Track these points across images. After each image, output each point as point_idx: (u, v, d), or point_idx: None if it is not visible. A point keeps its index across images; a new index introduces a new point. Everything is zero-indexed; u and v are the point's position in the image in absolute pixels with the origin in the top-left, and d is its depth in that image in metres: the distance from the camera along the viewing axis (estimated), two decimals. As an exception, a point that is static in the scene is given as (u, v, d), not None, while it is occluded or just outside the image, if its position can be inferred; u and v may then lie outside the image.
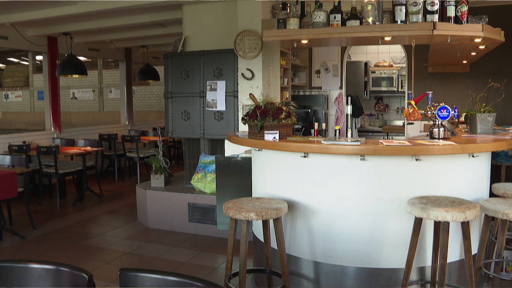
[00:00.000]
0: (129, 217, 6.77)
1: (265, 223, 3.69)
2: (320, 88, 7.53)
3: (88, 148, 8.09)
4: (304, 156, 3.66)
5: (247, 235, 3.39)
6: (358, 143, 3.40)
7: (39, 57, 29.44)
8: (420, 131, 6.94)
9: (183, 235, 5.84)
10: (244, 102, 5.53)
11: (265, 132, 3.75)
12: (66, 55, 8.86)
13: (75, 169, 7.68)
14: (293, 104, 4.16)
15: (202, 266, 4.87)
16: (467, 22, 3.86)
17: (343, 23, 4.06)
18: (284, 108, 3.84)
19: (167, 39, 9.94)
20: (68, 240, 5.86)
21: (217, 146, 6.24)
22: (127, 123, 11.22)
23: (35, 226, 6.26)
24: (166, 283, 1.83)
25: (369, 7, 3.99)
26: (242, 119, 3.97)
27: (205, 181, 5.78)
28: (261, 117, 3.74)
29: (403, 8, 3.89)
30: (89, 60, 23.44)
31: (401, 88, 8.60)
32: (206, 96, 5.88)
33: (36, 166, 7.57)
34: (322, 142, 3.51)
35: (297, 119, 4.09)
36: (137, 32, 9.25)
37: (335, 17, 4.03)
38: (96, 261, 5.07)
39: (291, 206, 3.78)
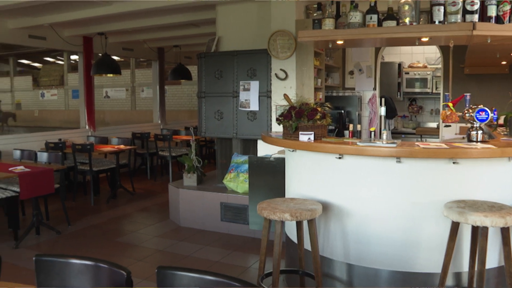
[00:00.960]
0: (161, 215, 6.84)
1: (299, 224, 3.68)
2: (354, 89, 7.47)
3: (122, 146, 8.20)
4: (339, 158, 3.63)
5: (281, 235, 3.39)
6: (394, 145, 3.36)
7: (73, 57, 30.03)
8: (456, 134, 6.82)
9: (215, 234, 5.87)
10: (278, 102, 5.52)
11: (299, 133, 3.73)
12: (100, 54, 9.01)
13: (109, 166, 7.80)
14: (328, 105, 4.14)
15: (234, 266, 4.89)
16: (509, 22, 3.75)
17: (379, 23, 4.01)
18: (319, 109, 3.82)
19: (199, 39, 10.00)
20: (101, 236, 5.95)
21: (249, 146, 6.25)
22: (159, 122, 11.34)
23: (70, 222, 6.39)
24: (203, 282, 1.84)
25: (406, 7, 3.93)
26: (277, 119, 3.96)
27: (237, 181, 5.80)
28: (296, 117, 3.73)
29: (442, 8, 3.82)
30: (122, 59, 23.78)
31: (436, 89, 8.45)
32: (239, 96, 5.90)
33: (71, 163, 7.72)
34: (358, 143, 3.47)
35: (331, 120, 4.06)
36: (170, 32, 9.34)
37: (371, 18, 3.99)
38: (130, 258, 5.14)
39: (325, 207, 3.76)
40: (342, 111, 6.68)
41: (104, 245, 5.62)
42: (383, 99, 4.14)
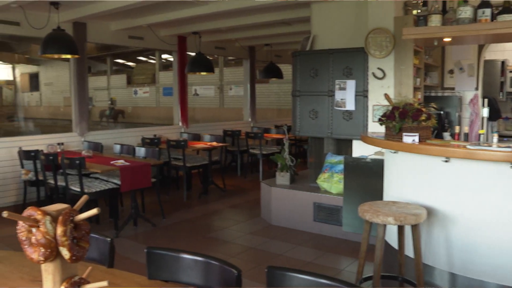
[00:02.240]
0: (252, 212, 6.89)
1: (401, 229, 3.54)
2: (453, 88, 7.10)
3: (214, 143, 8.36)
4: (446, 161, 3.45)
5: (383, 239, 3.28)
6: (510, 149, 3.13)
7: (165, 56, 31.20)
8: None
9: (306, 234, 5.82)
10: (375, 102, 5.37)
11: (403, 134, 3.59)
12: (193, 53, 9.24)
13: (201, 163, 7.97)
14: (434, 106, 3.95)
15: (326, 267, 4.81)
16: None
17: (493, 18, 3.76)
18: (424, 110, 3.66)
19: (291, 37, 9.98)
20: (194, 231, 6.09)
21: (342, 146, 6.13)
22: (249, 120, 11.46)
23: (164, 215, 6.61)
24: (315, 284, 1.79)
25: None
26: (379, 119, 3.84)
27: (331, 181, 5.71)
28: (400, 118, 3.59)
29: None
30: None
31: (544, 89, 7.87)
32: (334, 95, 5.80)
33: (165, 159, 7.97)
34: (468, 147, 3.28)
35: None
36: (262, 30, 9.39)
37: (483, 12, 3.76)
38: (222, 254, 5.20)
39: (428, 212, 3.59)
40: (441, 112, 6.38)
41: (197, 239, 5.74)
42: (486, 100, 3.89)
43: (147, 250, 2.15)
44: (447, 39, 4.12)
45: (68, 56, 6.82)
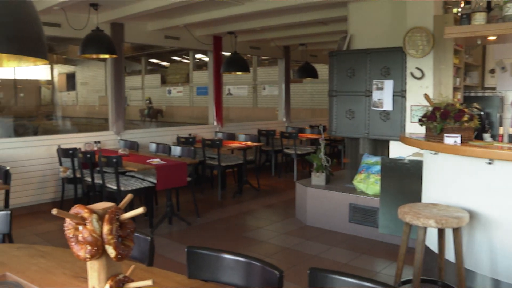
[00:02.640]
0: (287, 212, 6.87)
1: (441, 232, 3.47)
2: (494, 88, 6.91)
3: (249, 143, 8.37)
4: (489, 163, 3.36)
5: (424, 242, 3.21)
6: (558, 151, 3.03)
7: (198, 56, 31.44)
8: None
9: (342, 235, 5.76)
10: (413, 102, 5.27)
11: (444, 135, 3.51)
12: (226, 53, 9.27)
13: (236, 162, 7.98)
14: (476, 106, 3.85)
15: (362, 269, 4.75)
16: None
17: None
18: (466, 110, 3.57)
19: (327, 37, 9.92)
20: (229, 230, 6.11)
21: (377, 147, 6.05)
22: (284, 120, 11.43)
23: (199, 214, 6.64)
24: (357, 286, 1.76)
25: None
26: (419, 120, 3.77)
27: (367, 182, 5.64)
28: (441, 119, 3.51)
29: None
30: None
31: None
32: (372, 95, 5.73)
33: (200, 158, 8.01)
34: (513, 148, 3.18)
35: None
36: (297, 30, 9.36)
37: (531, 10, 3.64)
38: (257, 254, 5.19)
39: (470, 215, 3.50)
40: (482, 113, 6.22)
41: (232, 239, 5.75)
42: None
43: (187, 249, 2.15)
44: (491, 38, 4.01)
45: (106, 56, 6.93)
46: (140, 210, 1.41)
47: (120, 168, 5.84)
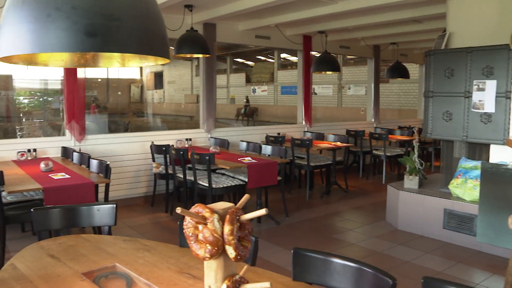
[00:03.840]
0: (376, 215, 6.72)
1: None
2: None
3: (338, 143, 8.27)
4: None
5: (534, 255, 3.01)
6: None
7: (283, 55, 31.54)
8: None
9: (435, 241, 5.54)
10: (518, 104, 4.97)
11: (559, 140, 3.27)
12: (314, 53, 9.20)
13: (325, 162, 7.91)
14: None
15: (459, 280, 4.53)
16: None
17: None
18: None
19: (420, 35, 9.62)
20: (317, 231, 6.06)
21: (475, 151, 5.76)
22: (372, 120, 11.19)
23: (288, 213, 6.65)
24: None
25: None
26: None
27: (465, 187, 5.38)
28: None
29: None
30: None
31: None
32: (472, 96, 5.45)
33: (289, 157, 8.01)
34: None
35: None
36: (389, 29, 9.13)
37: None
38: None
39: None
40: None
41: (320, 240, 5.70)
42: None
43: (293, 250, 2.14)
44: None
45: (200, 56, 7.11)
46: (262, 212, 1.42)
47: (212, 165, 5.96)
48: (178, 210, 1.37)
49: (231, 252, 1.44)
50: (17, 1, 1.41)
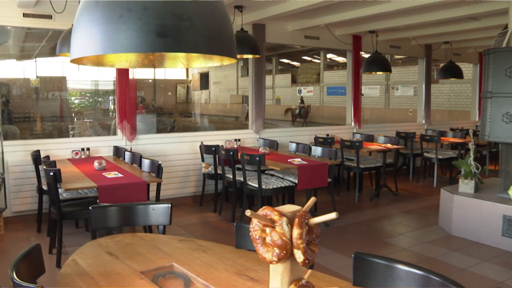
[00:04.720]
0: (428, 220, 6.53)
1: None
2: None
3: (389, 145, 8.10)
4: None
5: None
6: None
7: (329, 55, 31.28)
8: None
9: (493, 249, 5.32)
10: None
11: None
12: (368, 53, 9.03)
13: (375, 165, 7.76)
14: None
15: (522, 290, 4.34)
16: None
17: None
18: None
19: (476, 34, 9.31)
20: (367, 234, 5.94)
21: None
22: (423, 121, 10.90)
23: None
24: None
25: None
26: None
27: (526, 193, 5.16)
28: None
29: None
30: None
31: None
32: (535, 97, 5.21)
33: (338, 159, 7.90)
34: None
35: None
36: (442, 27, 8.86)
37: None
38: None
39: None
40: None
41: (371, 243, 5.58)
42: None
43: (355, 255, 2.08)
44: None
45: (250, 56, 7.10)
46: (332, 215, 1.37)
47: (262, 166, 5.94)
48: (248, 212, 1.34)
49: (299, 256, 1.40)
50: (90, 4, 1.41)
